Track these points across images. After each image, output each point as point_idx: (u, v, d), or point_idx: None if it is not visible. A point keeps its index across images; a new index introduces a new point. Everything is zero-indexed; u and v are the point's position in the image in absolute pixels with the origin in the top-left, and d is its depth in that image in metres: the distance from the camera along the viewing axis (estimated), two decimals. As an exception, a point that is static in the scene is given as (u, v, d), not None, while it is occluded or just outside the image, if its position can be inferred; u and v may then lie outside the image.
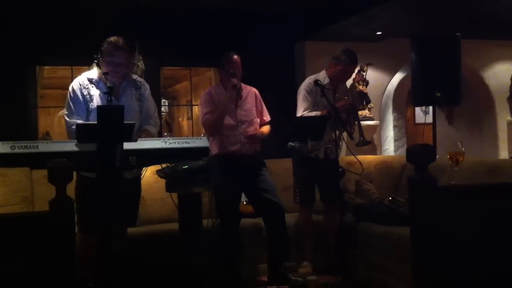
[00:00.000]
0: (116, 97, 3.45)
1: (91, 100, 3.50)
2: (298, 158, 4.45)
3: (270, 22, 6.25)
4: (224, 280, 4.05)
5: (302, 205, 4.46)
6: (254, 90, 4.39)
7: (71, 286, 2.29)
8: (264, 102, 4.48)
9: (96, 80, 3.54)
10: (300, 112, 4.37)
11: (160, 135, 6.07)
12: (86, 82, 3.55)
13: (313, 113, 4.30)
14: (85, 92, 3.51)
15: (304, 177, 4.41)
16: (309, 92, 4.39)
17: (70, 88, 3.55)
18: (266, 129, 4.34)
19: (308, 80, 4.47)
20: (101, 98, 3.48)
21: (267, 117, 4.42)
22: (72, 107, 3.49)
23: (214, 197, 3.97)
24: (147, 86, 3.76)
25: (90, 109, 3.48)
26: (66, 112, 3.52)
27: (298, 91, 4.45)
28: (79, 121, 3.40)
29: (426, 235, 2.53)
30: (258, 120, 4.35)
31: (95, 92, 3.52)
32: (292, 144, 4.45)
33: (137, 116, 3.58)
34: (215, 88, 4.40)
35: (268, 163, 4.51)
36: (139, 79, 3.76)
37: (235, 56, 4.22)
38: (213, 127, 4.23)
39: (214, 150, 4.17)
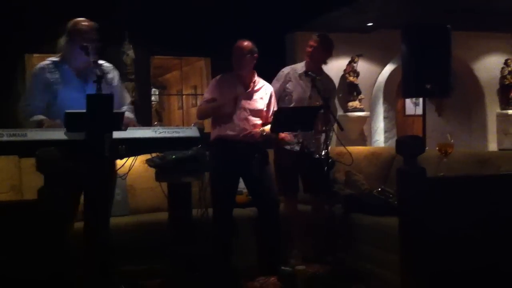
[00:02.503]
0: (85, 81, 3.38)
1: (57, 83, 3.39)
2: (277, 149, 4.45)
3: (261, 12, 6.23)
4: (214, 270, 4.06)
5: (285, 196, 4.46)
6: (270, 88, 4.35)
7: (59, 274, 2.29)
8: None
9: (60, 64, 3.44)
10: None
11: (150, 124, 6.05)
12: (50, 65, 3.45)
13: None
14: (49, 76, 3.41)
15: (284, 168, 4.40)
16: (278, 79, 4.47)
17: (32, 72, 3.47)
18: (268, 128, 4.31)
19: (282, 70, 4.52)
20: (69, 82, 3.39)
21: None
22: (31, 92, 3.42)
23: (209, 185, 3.98)
24: (117, 73, 3.65)
25: (56, 92, 3.37)
26: (21, 101, 3.42)
27: None
28: (35, 108, 3.33)
29: (414, 225, 2.55)
30: (264, 113, 4.31)
31: (59, 75, 3.41)
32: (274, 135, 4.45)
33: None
34: (226, 75, 4.33)
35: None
36: (107, 64, 3.61)
37: (242, 42, 4.23)
38: (203, 115, 4.27)
39: (213, 134, 4.19)
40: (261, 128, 4.23)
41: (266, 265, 4.18)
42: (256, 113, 4.24)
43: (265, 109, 4.28)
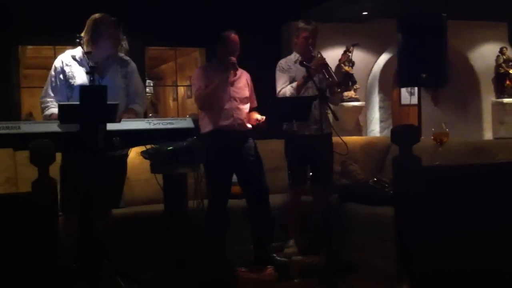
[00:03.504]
0: (100, 75, 3.41)
1: (74, 77, 3.46)
2: (289, 139, 4.45)
3: (257, 2, 6.20)
4: (209, 261, 4.06)
5: (293, 187, 4.47)
6: (247, 74, 4.39)
7: (53, 267, 2.28)
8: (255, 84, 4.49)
9: (79, 58, 3.49)
10: (279, 88, 4.41)
11: (145, 115, 6.04)
12: (69, 59, 3.51)
13: (294, 84, 4.31)
14: (68, 70, 3.47)
15: (295, 158, 4.40)
16: (281, 70, 4.46)
17: (52, 66, 3.52)
18: (260, 117, 4.32)
19: (280, 62, 4.52)
20: (81, 75, 3.43)
21: (254, 103, 4.41)
22: (50, 88, 3.47)
23: (205, 176, 3.97)
24: (134, 65, 3.73)
25: (73, 86, 3.44)
26: (42, 93, 3.49)
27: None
28: (54, 102, 3.39)
29: (410, 215, 2.55)
30: (249, 101, 4.34)
31: (78, 69, 3.47)
32: (285, 126, 4.45)
33: (123, 93, 3.55)
34: (209, 64, 4.41)
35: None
36: (126, 57, 3.73)
37: (235, 35, 4.22)
38: (205, 101, 4.20)
39: (207, 127, 4.16)
40: (256, 116, 4.24)
41: (261, 255, 4.18)
42: (244, 100, 4.28)
43: (248, 95, 4.33)
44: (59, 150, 3.04)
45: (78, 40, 3.37)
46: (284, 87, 4.36)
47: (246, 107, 4.29)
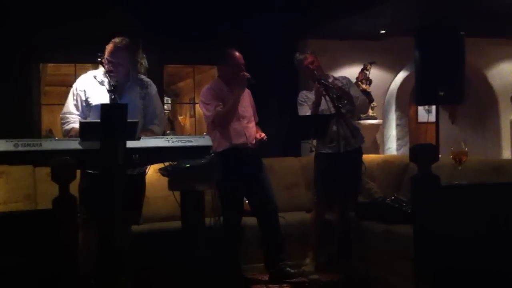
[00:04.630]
0: (119, 95, 3.46)
1: (93, 97, 3.53)
2: (317, 156, 4.44)
3: (272, 20, 6.24)
4: (226, 277, 4.06)
5: (318, 204, 4.45)
6: (248, 91, 4.41)
7: (73, 283, 2.30)
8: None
9: (100, 78, 3.57)
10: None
11: (163, 133, 6.08)
12: (90, 79, 3.59)
13: (308, 111, 4.31)
14: (88, 89, 3.56)
15: (325, 176, 4.38)
16: (300, 104, 4.45)
17: (74, 85, 3.61)
18: (258, 133, 4.35)
19: (300, 95, 4.51)
20: (104, 96, 3.49)
21: (256, 119, 4.44)
22: (71, 104, 3.55)
23: (218, 194, 3.98)
24: (154, 86, 3.78)
25: (91, 105, 3.53)
26: (63, 109, 3.58)
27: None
28: (75, 118, 3.47)
29: (429, 233, 2.53)
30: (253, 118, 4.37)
31: (98, 90, 3.54)
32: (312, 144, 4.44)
33: (140, 114, 3.59)
34: (215, 83, 4.38)
35: (271, 161, 4.52)
36: (146, 79, 3.79)
37: (238, 52, 4.25)
38: (225, 119, 4.19)
39: (221, 146, 4.16)
40: (256, 136, 4.28)
41: (274, 272, 4.18)
42: (250, 118, 4.32)
43: (252, 113, 4.37)
44: (80, 167, 3.09)
45: (99, 59, 3.43)
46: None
47: (253, 125, 4.32)
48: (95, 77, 3.60)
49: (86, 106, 3.55)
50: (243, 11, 6.12)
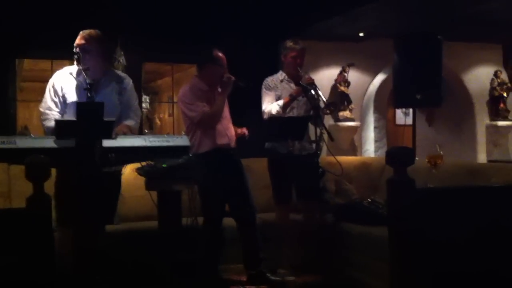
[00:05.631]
0: (95, 92, 3.42)
1: (69, 93, 3.49)
2: (272, 157, 4.46)
3: (254, 20, 6.24)
4: (202, 278, 4.04)
5: (278, 205, 4.47)
6: None
7: (48, 282, 2.27)
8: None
9: (76, 74, 3.52)
10: (264, 105, 4.41)
11: (140, 131, 6.04)
12: (66, 75, 3.55)
13: (280, 102, 4.32)
14: (64, 85, 3.51)
15: (279, 177, 4.41)
16: (268, 88, 4.47)
17: (50, 81, 3.56)
18: (237, 129, 4.35)
19: (266, 80, 4.53)
20: (79, 93, 3.45)
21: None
22: (50, 100, 3.50)
23: (200, 194, 3.96)
24: (130, 80, 3.74)
25: (67, 102, 3.48)
26: (42, 104, 3.53)
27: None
28: (55, 114, 3.43)
29: (403, 235, 2.56)
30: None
31: (73, 86, 3.50)
32: (266, 144, 4.47)
33: (117, 109, 3.55)
34: (196, 83, 4.29)
35: (248, 162, 4.51)
36: (122, 74, 3.76)
37: (222, 56, 4.23)
38: (213, 119, 4.15)
39: (204, 147, 4.11)
40: (237, 131, 4.30)
41: (253, 275, 4.17)
42: (229, 118, 4.31)
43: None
44: (55, 165, 3.05)
45: (76, 57, 3.38)
46: (270, 105, 4.37)
47: (231, 125, 4.31)
48: (71, 73, 3.55)
49: (63, 103, 3.50)
50: (224, 11, 6.11)
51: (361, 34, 6.72)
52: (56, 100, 3.51)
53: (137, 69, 6.22)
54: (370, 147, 7.86)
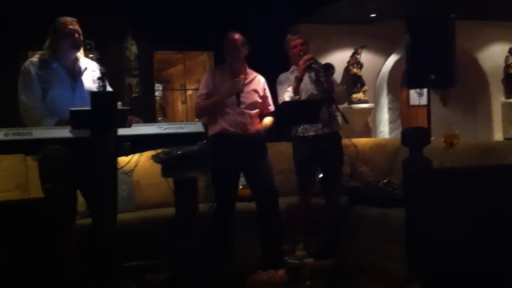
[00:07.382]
0: (73, 78, 3.39)
1: (47, 80, 3.34)
2: (296, 142, 4.45)
3: (263, 5, 6.20)
4: (218, 263, 4.07)
5: (301, 190, 4.46)
6: (262, 78, 4.36)
7: (64, 272, 2.30)
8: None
9: (50, 61, 3.39)
10: (279, 98, 4.41)
11: (154, 120, 6.06)
12: (39, 62, 3.40)
13: (289, 88, 4.30)
14: (40, 72, 3.36)
15: (303, 162, 4.39)
16: (280, 83, 4.46)
17: (22, 68, 3.40)
18: (269, 121, 4.31)
19: (279, 76, 4.52)
20: (59, 79, 3.36)
21: (271, 107, 4.38)
22: (27, 87, 3.33)
23: (210, 180, 3.97)
24: (98, 65, 3.52)
25: (46, 89, 3.31)
26: (21, 93, 3.35)
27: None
28: (33, 104, 3.29)
29: (420, 216, 2.55)
30: (260, 105, 4.31)
31: (50, 72, 3.36)
32: (292, 130, 4.45)
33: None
34: (220, 68, 4.34)
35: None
36: (92, 61, 3.56)
37: (234, 34, 4.22)
38: (201, 113, 4.28)
39: (213, 130, 4.15)
40: (263, 124, 4.26)
41: (272, 258, 4.18)
42: (251, 105, 4.24)
43: (260, 100, 4.29)
44: (71, 155, 3.06)
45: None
46: (283, 96, 4.36)
47: (253, 112, 4.25)
48: (44, 60, 3.40)
49: (39, 92, 3.31)
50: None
51: (372, 15, 6.66)
52: (33, 88, 3.33)
53: (148, 58, 6.22)
54: (385, 128, 7.82)
